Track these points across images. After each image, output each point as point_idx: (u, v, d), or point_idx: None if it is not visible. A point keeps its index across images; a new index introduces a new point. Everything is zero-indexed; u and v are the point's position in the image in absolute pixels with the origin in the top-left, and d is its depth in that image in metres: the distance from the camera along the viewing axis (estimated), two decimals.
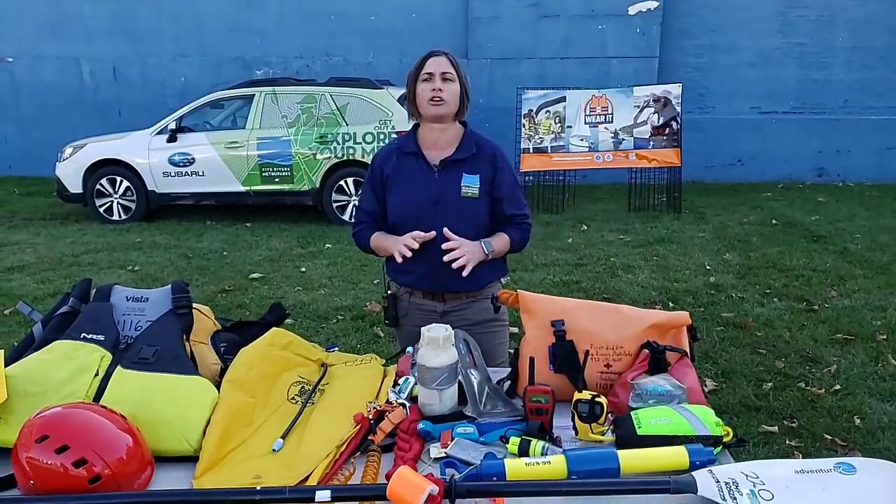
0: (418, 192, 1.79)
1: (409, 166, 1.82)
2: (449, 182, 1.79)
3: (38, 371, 1.25)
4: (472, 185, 1.78)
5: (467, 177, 1.78)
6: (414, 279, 1.85)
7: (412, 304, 1.89)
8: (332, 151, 6.61)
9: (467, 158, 1.80)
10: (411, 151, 1.82)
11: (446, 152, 1.80)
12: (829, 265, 5.02)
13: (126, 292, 1.44)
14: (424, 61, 1.75)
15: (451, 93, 1.74)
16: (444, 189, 1.78)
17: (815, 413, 2.81)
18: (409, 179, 1.81)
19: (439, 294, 1.84)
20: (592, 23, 8.93)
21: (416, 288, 1.87)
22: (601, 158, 7.29)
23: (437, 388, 1.32)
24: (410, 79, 1.78)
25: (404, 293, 1.91)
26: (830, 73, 9.06)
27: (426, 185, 1.79)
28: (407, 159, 1.83)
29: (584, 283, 4.73)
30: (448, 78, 1.74)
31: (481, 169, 1.80)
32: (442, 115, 1.75)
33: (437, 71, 1.73)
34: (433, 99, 1.72)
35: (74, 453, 1.01)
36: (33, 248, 5.80)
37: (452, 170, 1.79)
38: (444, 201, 1.77)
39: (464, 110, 1.80)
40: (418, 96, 1.76)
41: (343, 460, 1.18)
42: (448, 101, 1.73)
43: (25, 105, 9.83)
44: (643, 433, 1.17)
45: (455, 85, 1.75)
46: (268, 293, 4.55)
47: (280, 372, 1.44)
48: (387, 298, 1.93)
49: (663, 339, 1.42)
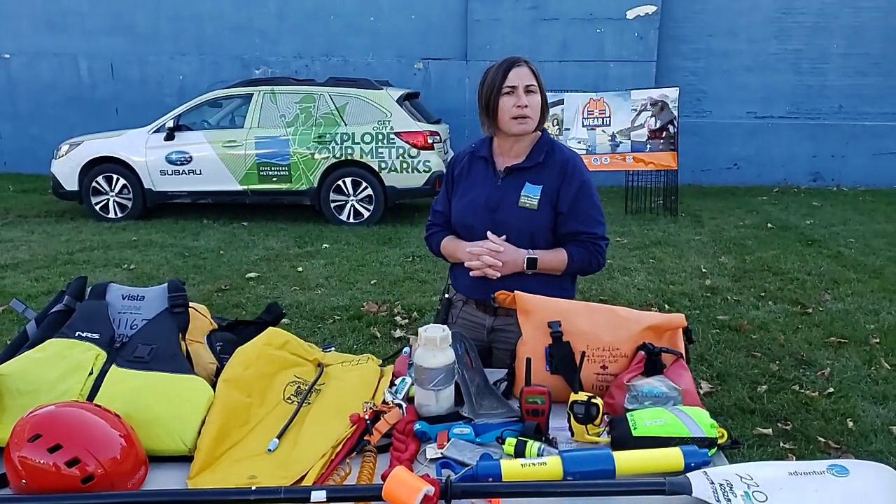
0: (478, 198, 1.73)
1: (477, 170, 1.77)
2: (510, 190, 1.70)
3: (31, 369, 1.24)
4: (531, 196, 1.68)
5: (529, 186, 1.69)
6: (467, 286, 1.77)
7: (463, 312, 1.82)
8: (330, 151, 6.60)
9: (533, 167, 1.70)
10: (483, 156, 1.76)
11: (517, 159, 1.72)
12: (823, 269, 5.04)
13: (122, 290, 1.43)
14: (507, 72, 1.63)
15: (535, 107, 1.65)
16: (504, 197, 1.70)
17: (808, 416, 2.82)
18: (473, 183, 1.76)
19: (491, 307, 1.73)
20: (591, 26, 8.96)
21: (468, 296, 1.79)
22: (598, 161, 7.30)
23: (434, 389, 1.32)
24: (489, 89, 1.65)
25: (459, 300, 1.84)
26: (825, 78, 9.12)
27: (488, 190, 1.72)
28: (477, 163, 1.77)
29: (581, 284, 4.70)
30: (531, 90, 1.64)
31: (547, 179, 1.69)
32: (527, 132, 1.67)
33: (521, 84, 1.62)
34: (519, 117, 1.63)
35: (67, 452, 1.00)
36: (28, 246, 5.77)
37: (516, 178, 1.71)
38: (502, 209, 1.70)
39: (544, 120, 1.72)
40: (500, 110, 1.64)
41: (339, 460, 1.17)
42: (532, 116, 1.65)
43: (22, 102, 9.79)
44: (639, 434, 1.18)
45: (537, 97, 1.65)
46: (264, 293, 4.54)
47: (276, 371, 1.43)
48: (442, 301, 1.89)
49: (659, 341, 1.42)
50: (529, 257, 1.68)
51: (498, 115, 1.66)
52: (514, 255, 1.67)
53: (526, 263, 1.68)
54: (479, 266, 1.67)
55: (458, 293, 1.84)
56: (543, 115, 1.70)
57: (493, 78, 1.65)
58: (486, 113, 1.69)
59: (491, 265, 1.65)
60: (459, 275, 1.79)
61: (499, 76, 1.64)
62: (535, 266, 1.69)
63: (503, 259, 1.66)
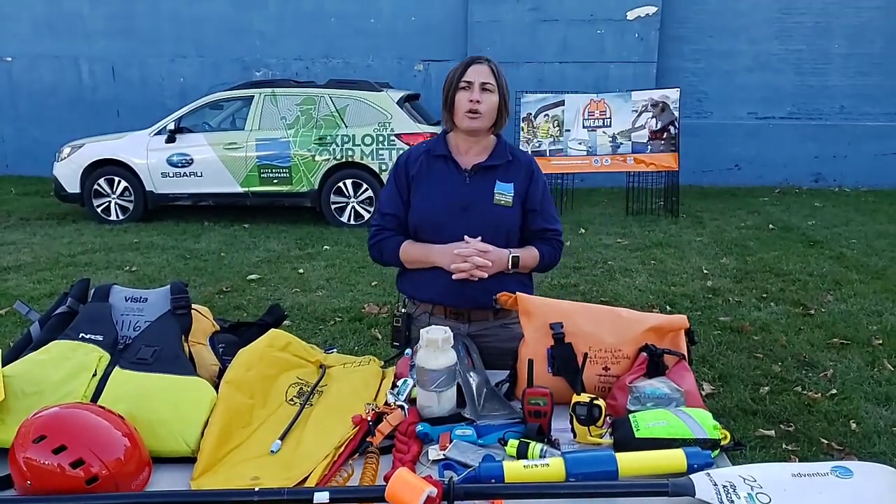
0: (447, 197, 1.67)
1: (438, 169, 1.70)
2: (481, 188, 1.68)
3: (35, 371, 1.24)
4: (506, 193, 1.68)
5: (501, 184, 1.68)
6: (437, 293, 1.69)
7: (431, 325, 1.71)
8: (330, 153, 6.61)
9: (501, 165, 1.69)
10: (441, 154, 1.71)
11: (479, 158, 1.70)
12: (825, 270, 5.04)
13: (125, 292, 1.44)
14: (466, 68, 1.63)
15: (489, 105, 1.63)
16: (475, 195, 1.67)
17: (811, 417, 2.82)
18: (437, 183, 1.69)
19: (465, 312, 1.71)
20: (591, 27, 8.96)
21: (438, 303, 1.71)
22: (599, 162, 7.31)
23: (436, 390, 1.33)
24: (448, 84, 1.66)
25: (422, 312, 1.74)
26: (827, 79, 9.12)
27: (456, 189, 1.67)
28: (436, 162, 1.71)
29: (582, 286, 4.73)
30: (488, 89, 1.62)
31: (516, 177, 1.70)
32: (477, 129, 1.65)
33: (477, 81, 1.61)
34: (470, 111, 1.62)
35: (72, 454, 1.01)
36: (30, 248, 5.78)
37: (485, 176, 1.69)
38: (475, 208, 1.66)
39: (501, 123, 1.69)
40: (455, 105, 1.64)
41: (341, 462, 1.18)
42: (485, 114, 1.63)
43: (23, 104, 9.82)
44: (641, 436, 1.18)
45: (494, 97, 1.63)
46: (265, 294, 4.54)
47: (278, 373, 1.44)
48: (399, 318, 1.76)
49: (661, 343, 1.42)
50: (513, 256, 1.66)
51: (454, 109, 1.66)
52: (498, 254, 1.63)
53: (510, 262, 1.66)
54: (468, 268, 1.59)
55: (422, 303, 1.75)
56: (500, 118, 1.68)
57: (453, 73, 1.67)
58: (445, 107, 1.69)
59: (481, 265, 1.59)
60: (421, 283, 1.71)
61: (458, 72, 1.65)
62: (519, 264, 1.67)
63: (491, 259, 1.61)
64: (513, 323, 1.74)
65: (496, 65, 1.67)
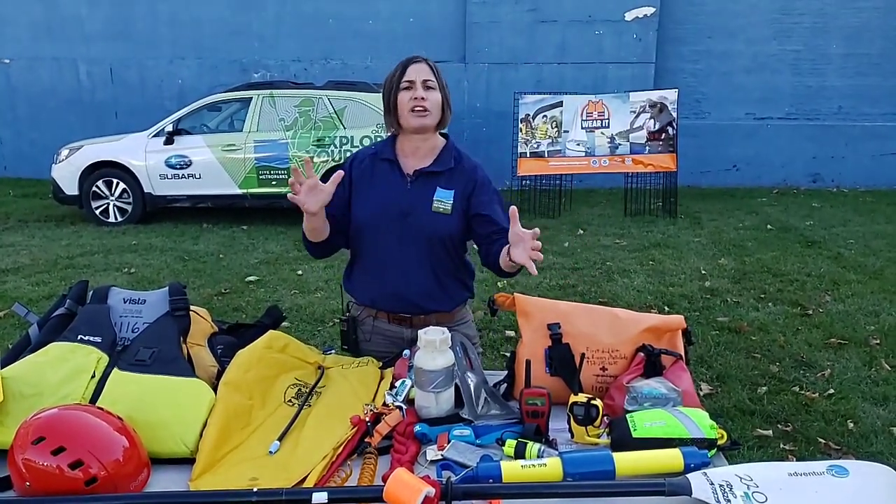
0: (387, 202, 1.66)
1: (381, 172, 1.68)
2: (421, 195, 1.65)
3: (34, 373, 1.25)
4: (444, 201, 1.65)
5: (441, 191, 1.65)
6: (377, 296, 1.71)
7: (376, 328, 1.74)
8: (329, 155, 6.61)
9: (444, 172, 1.66)
10: (387, 158, 1.69)
11: (424, 162, 1.67)
12: (823, 270, 5.05)
13: (123, 294, 1.44)
14: (405, 69, 1.61)
15: (434, 102, 1.61)
16: (415, 202, 1.65)
17: (809, 417, 2.83)
18: (378, 187, 1.68)
19: (407, 318, 1.71)
20: (589, 28, 8.98)
21: (380, 309, 1.72)
22: (597, 163, 7.32)
23: (434, 391, 1.33)
24: (388, 87, 1.64)
25: (367, 316, 1.76)
26: (825, 79, 9.14)
27: (396, 195, 1.65)
28: (381, 165, 1.69)
29: (581, 286, 4.74)
30: (430, 86, 1.61)
31: (458, 184, 1.67)
32: (425, 126, 1.62)
33: (419, 79, 1.60)
34: (415, 109, 1.59)
35: (71, 455, 1.01)
36: (28, 251, 5.78)
37: (426, 182, 1.66)
38: (414, 215, 1.64)
39: (446, 120, 1.67)
40: (399, 106, 1.61)
41: (340, 462, 1.18)
42: (431, 110, 1.60)
43: (21, 106, 9.80)
44: (638, 436, 1.18)
45: (437, 94, 1.62)
46: (264, 296, 4.54)
47: (277, 374, 1.44)
48: (345, 321, 1.76)
49: (658, 343, 1.43)
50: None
51: (398, 111, 1.63)
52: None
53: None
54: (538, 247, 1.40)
55: (364, 307, 1.75)
56: (445, 115, 1.65)
57: (392, 75, 1.64)
58: (387, 111, 1.67)
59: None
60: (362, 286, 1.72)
61: (397, 73, 1.63)
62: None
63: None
64: (457, 325, 1.74)
65: (433, 63, 1.64)
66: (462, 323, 1.79)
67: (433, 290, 1.69)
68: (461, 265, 1.76)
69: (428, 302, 1.69)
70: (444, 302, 1.71)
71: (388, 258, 1.67)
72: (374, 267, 1.71)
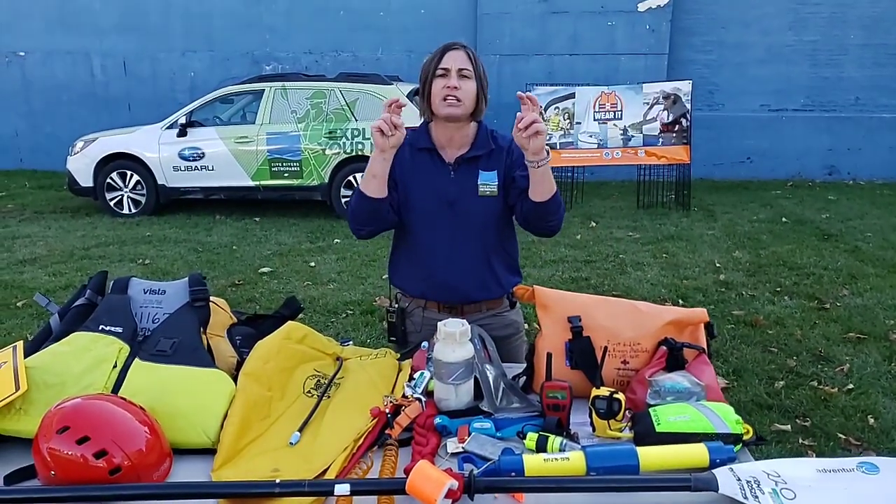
0: (433, 193, 1.65)
1: (422, 163, 1.67)
2: (465, 181, 1.65)
3: (57, 362, 1.25)
4: (489, 183, 1.65)
5: (484, 174, 1.65)
6: (427, 288, 1.70)
7: (426, 319, 1.72)
8: (340, 147, 6.61)
9: (483, 155, 1.66)
10: (425, 147, 1.67)
11: (462, 150, 1.67)
12: (840, 264, 4.98)
13: (143, 285, 1.44)
14: (441, 56, 1.59)
15: (468, 92, 1.58)
16: (461, 189, 1.64)
17: (828, 412, 2.79)
18: (421, 177, 1.66)
19: (458, 307, 1.70)
20: (602, 19, 8.88)
21: (430, 299, 1.71)
22: (610, 155, 7.25)
23: (454, 383, 1.32)
24: (424, 73, 1.62)
25: (416, 307, 1.74)
26: (842, 70, 8.98)
27: (441, 184, 1.65)
28: (420, 156, 1.68)
29: (594, 279, 4.71)
30: (465, 75, 1.58)
31: (498, 164, 1.66)
32: (457, 116, 1.60)
33: (454, 67, 1.57)
34: (447, 98, 1.57)
35: (95, 444, 1.01)
36: (44, 241, 5.84)
37: (469, 168, 1.66)
38: (461, 202, 1.65)
39: (480, 110, 1.64)
40: (433, 94, 1.60)
41: (360, 454, 1.18)
42: (464, 100, 1.58)
43: (36, 99, 9.89)
44: (662, 430, 1.17)
45: (472, 83, 1.59)
46: (277, 287, 4.56)
47: (296, 365, 1.44)
48: (393, 313, 1.74)
49: (681, 336, 1.41)
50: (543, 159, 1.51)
51: (430, 98, 1.61)
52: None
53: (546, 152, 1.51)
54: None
55: (413, 299, 1.74)
56: (479, 104, 1.63)
57: (429, 61, 1.62)
58: (422, 97, 1.65)
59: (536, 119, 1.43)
60: (412, 278, 1.70)
61: (434, 60, 1.61)
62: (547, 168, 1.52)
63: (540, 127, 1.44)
64: (506, 311, 1.76)
65: (473, 51, 1.62)
66: (511, 310, 1.79)
67: (485, 278, 1.68)
68: (511, 247, 1.76)
69: (479, 291, 1.69)
70: (495, 289, 1.70)
71: (437, 248, 1.66)
72: (422, 258, 1.69)
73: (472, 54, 1.61)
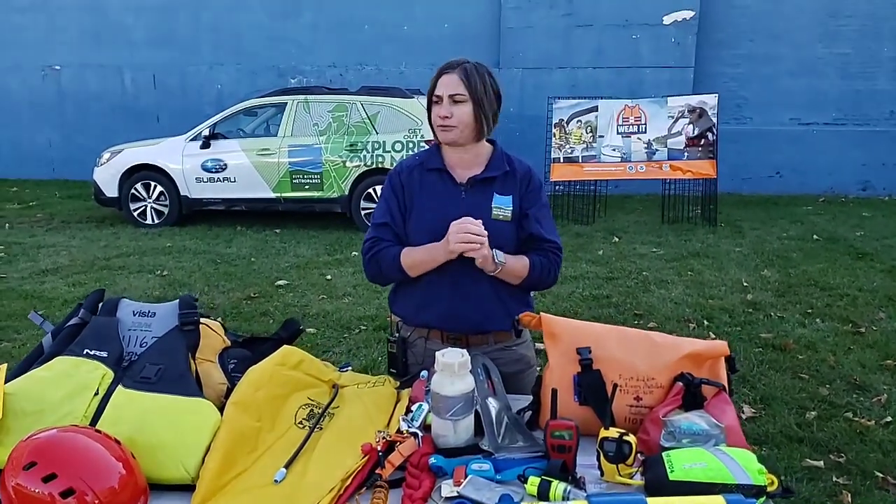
0: (442, 215, 1.53)
1: (432, 183, 1.60)
2: (477, 203, 1.56)
3: (36, 389, 1.21)
4: (504, 207, 1.56)
5: (499, 197, 1.57)
6: (432, 317, 1.60)
7: (428, 350, 1.60)
8: (361, 159, 6.61)
9: (498, 177, 1.59)
10: (435, 168, 1.61)
11: (475, 170, 1.60)
12: (875, 284, 4.75)
13: (133, 306, 1.40)
14: (435, 82, 1.56)
15: (461, 117, 1.52)
16: (473, 211, 1.53)
17: (864, 447, 2.61)
18: (432, 199, 1.59)
19: (463, 337, 1.60)
20: (626, 32, 8.78)
21: (434, 328, 1.62)
22: (634, 169, 7.11)
23: (452, 419, 1.24)
24: (428, 97, 1.60)
25: (418, 337, 1.64)
26: (875, 83, 8.71)
27: (452, 206, 1.55)
28: (430, 176, 1.61)
29: (615, 297, 4.58)
30: (458, 100, 1.52)
31: (513, 189, 1.59)
32: (452, 142, 1.56)
33: (446, 94, 1.53)
34: (440, 126, 1.55)
35: (62, 482, 0.96)
36: (68, 251, 5.93)
37: (482, 189, 1.58)
38: None
39: (483, 131, 1.57)
40: (432, 120, 1.59)
41: (347, 496, 1.10)
42: (457, 126, 1.53)
43: (70, 111, 10.18)
44: (675, 478, 1.06)
45: (466, 107, 1.52)
46: (293, 301, 4.53)
47: (289, 393, 1.37)
48: (394, 343, 1.65)
49: (699, 371, 1.30)
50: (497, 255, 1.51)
51: (431, 125, 1.60)
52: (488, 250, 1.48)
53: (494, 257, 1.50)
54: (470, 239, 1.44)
55: (415, 328, 1.65)
56: (479, 124, 1.55)
57: (430, 86, 1.59)
58: (429, 120, 1.62)
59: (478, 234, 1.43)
60: (416, 306, 1.62)
61: (431, 85, 1.58)
62: (503, 267, 1.51)
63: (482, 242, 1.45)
64: (515, 345, 1.65)
65: (470, 68, 1.53)
66: (520, 343, 1.68)
67: (494, 307, 1.58)
68: None
69: (488, 321, 1.59)
70: (504, 320, 1.58)
71: (444, 275, 1.56)
72: (428, 285, 1.59)
73: (466, 76, 1.53)
